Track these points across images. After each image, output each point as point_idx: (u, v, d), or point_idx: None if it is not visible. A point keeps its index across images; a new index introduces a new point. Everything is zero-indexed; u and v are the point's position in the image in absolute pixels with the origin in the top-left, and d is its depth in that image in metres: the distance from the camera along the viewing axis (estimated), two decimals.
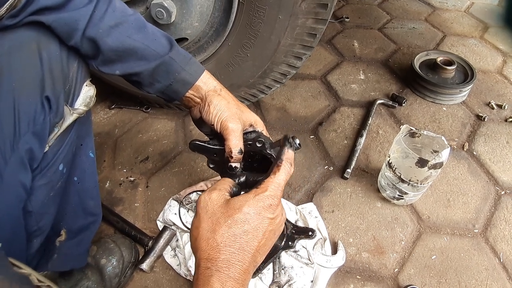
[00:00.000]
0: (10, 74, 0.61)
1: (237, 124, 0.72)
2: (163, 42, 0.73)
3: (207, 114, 0.73)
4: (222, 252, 0.54)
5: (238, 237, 0.55)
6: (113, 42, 0.67)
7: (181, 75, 0.73)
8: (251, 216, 0.56)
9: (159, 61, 0.71)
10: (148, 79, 0.74)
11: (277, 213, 0.59)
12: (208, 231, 0.56)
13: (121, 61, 0.70)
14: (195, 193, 1.20)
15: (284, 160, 0.62)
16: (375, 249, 1.10)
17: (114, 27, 0.67)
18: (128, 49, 0.69)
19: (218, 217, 0.57)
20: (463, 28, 2.13)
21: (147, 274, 1.05)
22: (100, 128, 1.49)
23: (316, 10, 1.10)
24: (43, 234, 0.77)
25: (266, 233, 0.57)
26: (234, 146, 0.70)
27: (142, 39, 0.70)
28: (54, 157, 0.70)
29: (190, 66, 0.74)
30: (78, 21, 0.64)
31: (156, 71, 0.72)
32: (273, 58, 1.22)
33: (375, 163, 1.34)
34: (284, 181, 0.61)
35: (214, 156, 0.76)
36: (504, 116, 1.56)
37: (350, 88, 1.69)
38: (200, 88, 0.75)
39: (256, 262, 0.57)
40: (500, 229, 1.16)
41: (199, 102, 0.76)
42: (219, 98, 0.74)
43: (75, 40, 0.66)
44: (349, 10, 2.27)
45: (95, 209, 0.89)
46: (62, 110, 0.68)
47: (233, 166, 0.72)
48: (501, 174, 1.32)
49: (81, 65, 0.71)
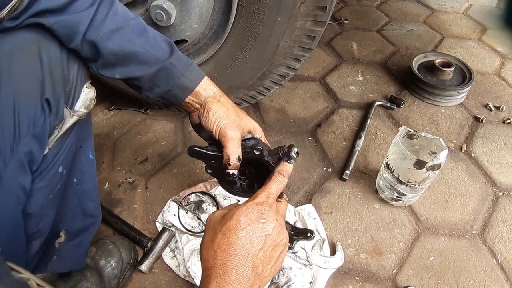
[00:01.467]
0: (10, 76, 0.61)
1: (236, 132, 0.72)
2: (163, 47, 0.73)
3: (206, 121, 0.74)
4: (219, 258, 0.55)
5: (233, 243, 0.56)
6: (114, 46, 0.67)
7: (181, 80, 0.73)
8: (243, 222, 0.58)
9: (159, 66, 0.71)
10: (148, 84, 0.74)
11: (269, 218, 0.60)
12: (208, 242, 0.59)
13: (121, 65, 0.70)
14: (194, 194, 1.20)
15: (276, 172, 0.66)
16: (373, 250, 1.11)
17: (115, 31, 0.67)
18: (128, 54, 0.69)
19: (216, 228, 0.60)
20: (461, 30, 2.14)
21: (146, 275, 1.05)
22: (99, 129, 1.49)
23: (315, 12, 1.11)
24: (42, 236, 0.77)
25: (261, 238, 0.58)
26: (232, 153, 0.71)
27: (143, 44, 0.70)
28: (53, 159, 0.71)
29: (190, 71, 0.74)
30: (79, 24, 0.64)
31: (156, 76, 0.72)
32: (272, 60, 1.23)
33: (373, 165, 1.35)
34: (275, 190, 0.64)
35: (213, 162, 0.77)
36: (502, 118, 1.56)
37: (348, 90, 1.69)
38: (199, 94, 0.75)
39: (257, 269, 0.57)
40: (498, 230, 1.16)
41: (198, 108, 0.76)
42: (219, 105, 0.74)
43: (76, 43, 0.66)
44: (347, 12, 2.28)
45: (94, 211, 0.89)
46: (62, 113, 0.68)
47: (231, 173, 0.73)
48: (499, 176, 1.32)
49: (81, 67, 0.71)
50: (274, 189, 0.64)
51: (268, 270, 0.59)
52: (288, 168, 0.68)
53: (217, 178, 0.81)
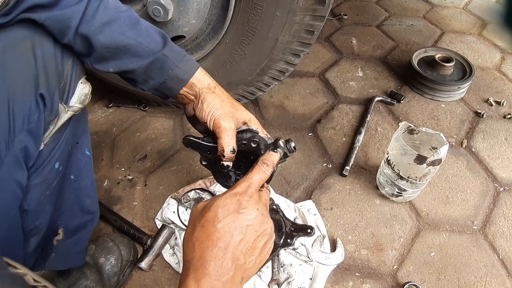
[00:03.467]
0: (3, 72, 0.60)
1: (230, 123, 0.71)
2: (156, 39, 0.72)
3: (200, 112, 0.73)
4: (197, 251, 0.54)
5: (211, 235, 0.55)
6: (106, 39, 0.67)
7: (175, 72, 0.72)
8: (220, 213, 0.56)
9: (153, 58, 0.71)
10: (142, 76, 0.73)
11: (249, 208, 0.57)
12: (188, 235, 0.58)
13: (115, 58, 0.70)
14: (194, 191, 1.20)
15: (260, 161, 0.65)
16: (374, 246, 1.10)
17: (107, 24, 0.67)
18: (121, 46, 0.69)
19: (196, 220, 0.58)
20: (461, 25, 2.13)
21: (146, 273, 1.05)
22: (98, 127, 1.49)
23: (314, 7, 1.10)
24: (40, 233, 0.77)
25: (241, 229, 0.56)
26: (226, 144, 0.70)
27: (135, 36, 0.69)
28: (49, 155, 0.70)
29: (184, 63, 0.73)
30: (70, 19, 0.64)
31: (149, 68, 0.72)
32: (271, 55, 1.22)
33: (373, 160, 1.34)
34: (257, 180, 0.62)
35: (208, 153, 0.76)
36: (502, 113, 1.56)
37: (348, 86, 1.68)
38: (194, 86, 0.74)
39: (239, 260, 0.55)
40: (499, 225, 1.16)
41: (193, 99, 0.75)
42: (213, 96, 0.73)
43: (68, 38, 0.65)
44: (347, 8, 2.27)
45: (92, 207, 0.89)
46: (57, 108, 0.67)
47: (225, 165, 0.71)
48: (500, 171, 1.31)
49: (75, 63, 0.71)
50: (256, 179, 0.62)
51: (252, 261, 0.57)
52: (273, 157, 0.66)
53: (211, 171, 0.80)
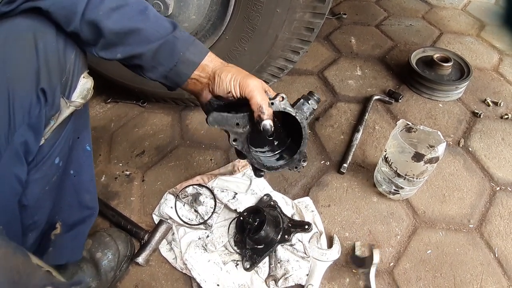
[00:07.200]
0: (4, 65, 0.60)
1: (258, 81, 0.69)
2: (165, 24, 0.70)
3: (220, 85, 0.70)
4: None
5: None
6: (114, 24, 0.65)
7: (185, 55, 0.70)
8: None
9: (162, 40, 0.68)
10: (150, 63, 0.70)
11: None
12: None
13: (123, 43, 0.67)
14: (191, 187, 1.20)
15: None
16: (371, 243, 1.11)
17: (115, 9, 0.65)
18: (130, 31, 0.66)
19: None
20: (460, 26, 2.14)
21: (143, 268, 1.05)
22: (96, 122, 1.48)
23: (314, 4, 1.10)
24: (38, 228, 0.77)
25: None
26: (262, 100, 0.66)
27: (144, 21, 0.67)
28: (50, 150, 0.70)
29: (194, 46, 0.71)
30: (76, 4, 0.62)
31: (159, 52, 0.69)
32: (270, 52, 1.22)
33: (371, 158, 1.35)
34: None
35: (237, 126, 0.69)
36: (499, 113, 1.57)
37: (347, 84, 1.69)
38: (206, 67, 0.71)
39: None
40: (495, 224, 1.17)
41: (206, 82, 0.72)
42: (229, 68, 0.71)
43: (75, 25, 0.63)
44: (346, 7, 2.27)
45: (91, 203, 0.89)
46: (58, 103, 0.67)
47: (267, 125, 0.65)
48: (496, 170, 1.33)
49: (78, 57, 0.70)
50: None
51: None
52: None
53: (244, 150, 0.72)
